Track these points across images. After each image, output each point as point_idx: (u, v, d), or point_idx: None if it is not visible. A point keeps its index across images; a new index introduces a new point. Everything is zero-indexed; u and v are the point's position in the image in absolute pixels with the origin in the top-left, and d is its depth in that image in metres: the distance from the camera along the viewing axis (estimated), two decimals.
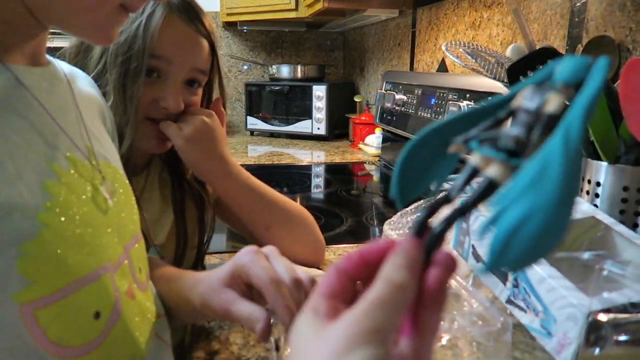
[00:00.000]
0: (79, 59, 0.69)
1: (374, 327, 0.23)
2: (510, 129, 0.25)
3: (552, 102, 0.24)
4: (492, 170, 0.25)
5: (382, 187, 1.56)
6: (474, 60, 0.86)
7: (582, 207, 0.68)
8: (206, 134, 0.72)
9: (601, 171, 0.69)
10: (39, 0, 0.40)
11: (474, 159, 0.26)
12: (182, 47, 0.70)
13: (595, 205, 0.69)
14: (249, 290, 0.50)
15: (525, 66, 0.75)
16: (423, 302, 0.26)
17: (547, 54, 0.75)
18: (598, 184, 0.69)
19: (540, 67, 0.75)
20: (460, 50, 0.88)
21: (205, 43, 0.73)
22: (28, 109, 0.42)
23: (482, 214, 0.63)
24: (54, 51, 0.58)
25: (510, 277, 0.59)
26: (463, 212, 0.26)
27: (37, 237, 0.38)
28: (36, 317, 0.37)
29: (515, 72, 0.75)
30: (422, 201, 0.82)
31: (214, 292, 0.50)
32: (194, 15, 0.72)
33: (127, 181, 0.53)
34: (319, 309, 0.26)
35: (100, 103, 0.58)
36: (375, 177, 1.69)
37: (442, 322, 0.28)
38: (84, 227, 0.42)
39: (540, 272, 0.54)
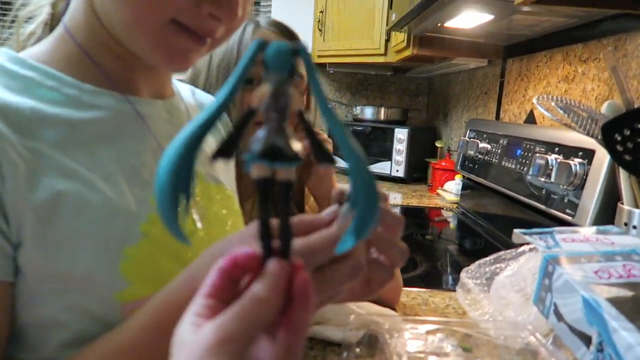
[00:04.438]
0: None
1: (228, 338, 0.25)
2: (270, 132, 0.27)
3: (294, 99, 0.27)
4: (284, 175, 0.27)
5: (458, 234, 1.53)
6: (565, 115, 0.85)
7: None
8: None
9: None
10: (112, 30, 0.46)
11: (256, 171, 0.27)
12: None
13: None
14: None
15: (622, 124, 0.73)
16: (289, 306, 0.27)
17: None
18: None
19: (639, 126, 0.73)
20: (552, 103, 0.88)
21: None
22: (144, 135, 0.49)
23: (565, 272, 0.61)
24: None
25: (595, 341, 0.56)
26: (285, 216, 0.28)
27: (137, 243, 0.43)
28: None
29: (611, 130, 0.73)
30: (502, 252, 0.80)
31: None
32: (282, 28, 0.81)
33: (235, 203, 0.59)
34: (197, 310, 0.27)
35: (221, 130, 0.66)
36: (452, 224, 1.67)
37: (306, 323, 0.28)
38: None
39: (629, 339, 0.51)
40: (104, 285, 0.42)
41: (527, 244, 0.76)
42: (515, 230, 0.72)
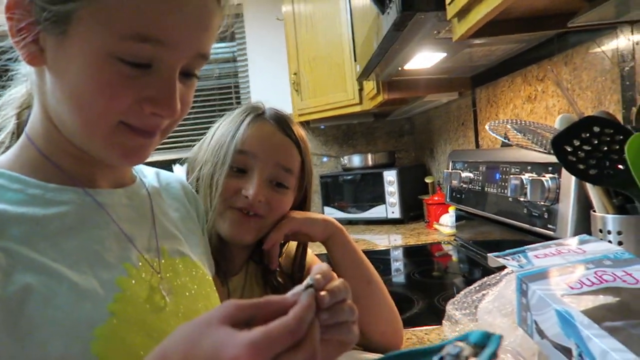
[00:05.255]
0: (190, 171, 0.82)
1: None
2: None
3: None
4: None
5: (461, 266, 1.53)
6: (522, 136, 0.88)
7: None
8: None
9: None
10: (69, 136, 0.51)
11: None
12: (267, 142, 0.79)
13: None
14: None
15: (571, 136, 0.76)
16: None
17: (593, 122, 0.76)
18: None
19: (587, 135, 0.76)
20: (508, 126, 0.91)
21: (291, 145, 0.81)
22: (107, 223, 0.53)
23: (538, 288, 0.62)
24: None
25: (575, 353, 0.56)
26: None
27: (105, 323, 0.46)
28: None
29: (560, 143, 0.75)
30: (485, 278, 0.81)
31: None
32: (281, 120, 0.81)
33: (206, 274, 0.62)
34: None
35: (188, 206, 0.69)
36: (455, 257, 1.66)
37: None
38: (151, 314, 0.49)
39: (602, 346, 0.52)
40: None
41: (505, 267, 0.77)
42: (489, 255, 0.73)
